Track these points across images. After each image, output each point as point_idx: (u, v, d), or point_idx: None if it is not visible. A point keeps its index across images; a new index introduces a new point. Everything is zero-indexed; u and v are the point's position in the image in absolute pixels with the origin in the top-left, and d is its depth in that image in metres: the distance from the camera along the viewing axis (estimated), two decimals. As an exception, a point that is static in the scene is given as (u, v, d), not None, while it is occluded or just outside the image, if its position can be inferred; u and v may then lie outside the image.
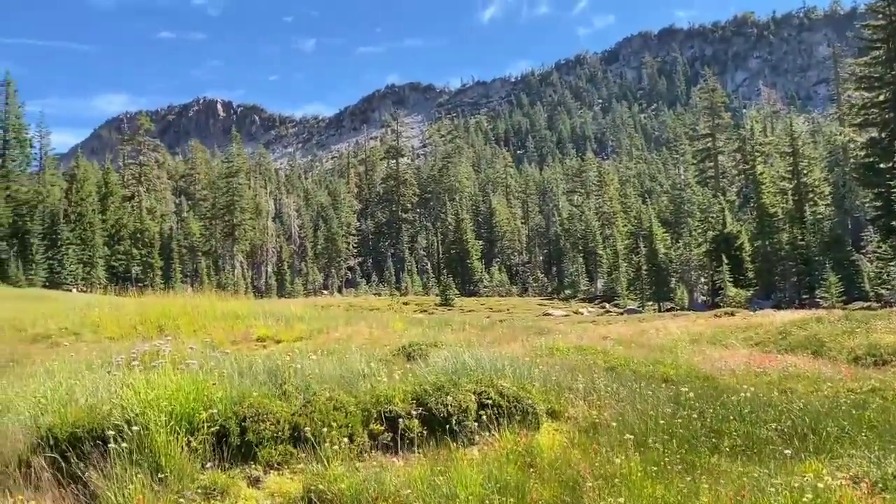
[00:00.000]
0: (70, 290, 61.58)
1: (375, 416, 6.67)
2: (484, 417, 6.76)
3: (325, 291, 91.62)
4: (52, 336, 17.66)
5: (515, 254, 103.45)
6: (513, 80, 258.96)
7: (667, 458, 6.02)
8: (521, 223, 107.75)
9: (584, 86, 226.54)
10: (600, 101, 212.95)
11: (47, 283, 66.16)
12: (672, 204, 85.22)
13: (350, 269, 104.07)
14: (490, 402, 7.21)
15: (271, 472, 5.75)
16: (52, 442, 5.98)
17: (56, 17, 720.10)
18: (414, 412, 6.67)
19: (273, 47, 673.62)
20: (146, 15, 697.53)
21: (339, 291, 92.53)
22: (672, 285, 65.06)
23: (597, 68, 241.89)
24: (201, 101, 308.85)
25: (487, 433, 6.70)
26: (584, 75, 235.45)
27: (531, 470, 5.90)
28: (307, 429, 5.90)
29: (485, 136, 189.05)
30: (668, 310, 54.32)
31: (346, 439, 5.96)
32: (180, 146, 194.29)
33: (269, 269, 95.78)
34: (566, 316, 50.08)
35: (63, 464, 5.63)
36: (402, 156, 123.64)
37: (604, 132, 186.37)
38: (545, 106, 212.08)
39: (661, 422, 7.19)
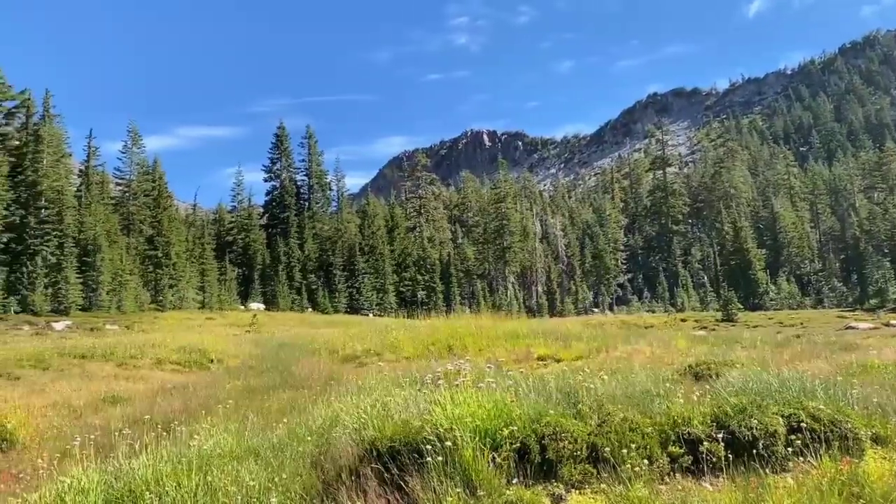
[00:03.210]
0: (367, 315, 68.46)
1: (673, 438, 6.46)
2: (797, 442, 6.22)
3: (596, 309, 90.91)
4: (359, 357, 19.72)
5: (805, 262, 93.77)
6: (788, 72, 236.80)
7: None
8: (811, 227, 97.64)
9: (877, 68, 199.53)
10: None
11: (348, 309, 74.24)
12: None
13: (620, 285, 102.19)
14: (801, 425, 6.62)
15: (572, 490, 5.84)
16: (374, 453, 6.66)
17: (342, 75, 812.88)
18: (714, 435, 6.35)
19: (531, 74, 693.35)
20: (416, 61, 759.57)
21: (610, 309, 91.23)
22: None
23: (892, 47, 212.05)
24: (469, 133, 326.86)
25: (801, 459, 6.15)
26: (875, 57, 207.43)
27: (859, 502, 5.30)
28: (607, 449, 5.91)
29: (760, 136, 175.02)
30: None
31: (644, 461, 5.85)
32: (452, 177, 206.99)
33: (539, 289, 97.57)
34: (874, 329, 44.01)
35: (386, 473, 6.23)
36: (669, 165, 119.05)
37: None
38: (830, 96, 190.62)
39: None
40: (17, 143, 56.77)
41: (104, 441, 9.60)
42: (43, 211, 51.47)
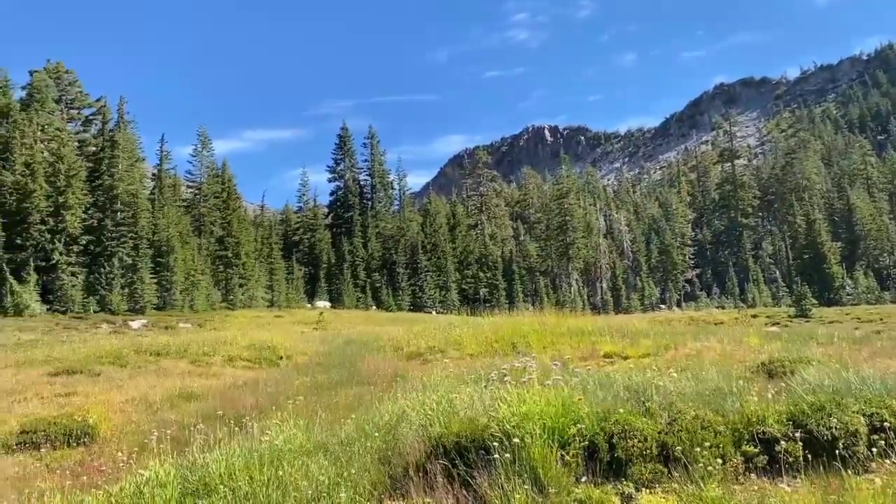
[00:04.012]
0: (430, 312, 68.85)
1: (747, 437, 6.27)
2: (881, 443, 5.94)
3: (663, 306, 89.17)
4: (423, 354, 19.83)
5: (884, 255, 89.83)
6: (864, 57, 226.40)
7: None
8: (889, 219, 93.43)
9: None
10: None
11: (411, 307, 74.84)
12: None
13: (688, 281, 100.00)
14: (883, 424, 6.32)
15: (643, 489, 5.73)
16: (440, 450, 6.67)
17: (403, 76, 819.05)
18: (791, 434, 6.13)
19: (593, 68, 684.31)
20: (475, 59, 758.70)
21: (678, 305, 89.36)
22: None
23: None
24: (530, 129, 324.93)
25: (887, 460, 5.87)
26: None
27: (951, 507, 5.02)
28: (678, 448, 5.78)
29: (834, 125, 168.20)
30: None
31: (718, 460, 5.70)
32: (514, 174, 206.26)
33: (604, 286, 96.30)
34: (961, 325, 41.83)
35: (452, 470, 6.23)
36: (738, 157, 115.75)
37: None
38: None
39: None
40: (94, 148, 59.27)
41: (179, 435, 9.92)
42: (119, 214, 53.56)
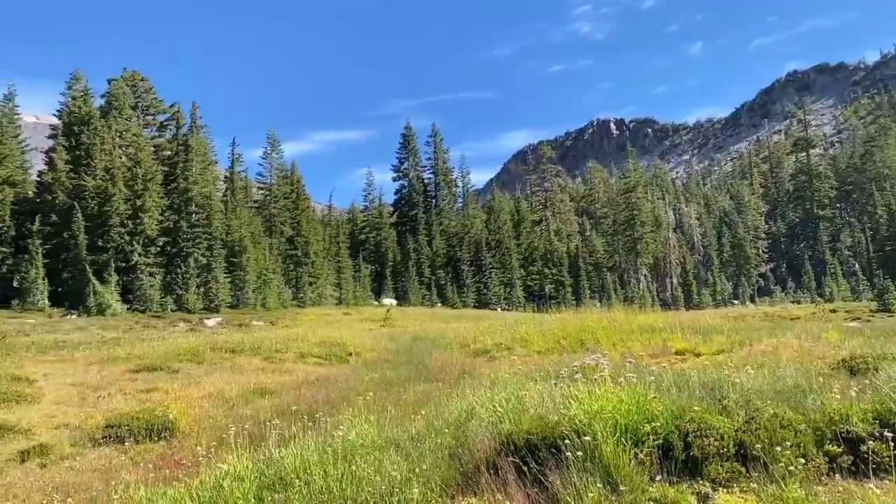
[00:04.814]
0: (495, 309, 68.76)
1: (829, 436, 6.04)
2: (979, 444, 5.64)
3: (736, 301, 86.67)
4: (490, 351, 19.82)
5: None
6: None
7: None
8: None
9: None
10: None
11: (476, 304, 74.90)
12: None
13: (761, 275, 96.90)
14: (981, 425, 6.00)
15: (720, 489, 5.59)
16: (510, 447, 6.67)
17: (466, 73, 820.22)
18: (878, 433, 5.88)
19: (659, 59, 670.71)
20: (539, 54, 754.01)
21: (751, 301, 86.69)
22: None
23: None
24: (595, 123, 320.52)
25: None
26: None
27: None
28: (758, 446, 5.62)
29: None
30: None
31: (800, 460, 5.51)
32: (579, 169, 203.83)
33: (674, 281, 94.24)
34: None
35: (523, 467, 6.22)
36: (813, 146, 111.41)
37: None
38: None
39: None
40: (169, 153, 61.44)
41: (255, 431, 10.20)
42: (193, 216, 55.37)
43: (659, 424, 6.00)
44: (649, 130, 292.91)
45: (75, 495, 8.98)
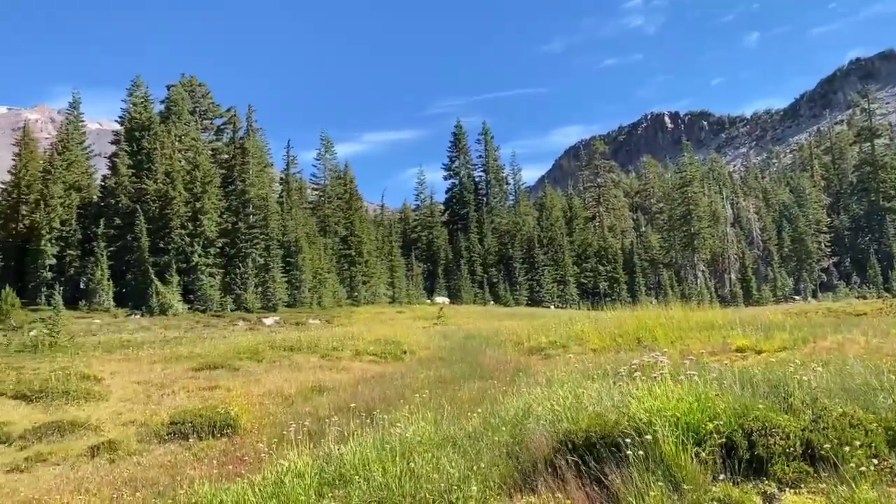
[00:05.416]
0: (549, 307, 68.32)
1: (904, 436, 5.83)
2: None
3: (797, 297, 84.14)
4: (544, 348, 19.71)
5: None
6: None
7: None
8: None
9: None
10: None
11: (529, 302, 74.52)
12: None
13: (824, 270, 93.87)
14: None
15: (786, 489, 5.44)
16: (568, 445, 6.62)
17: (517, 70, 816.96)
18: (955, 434, 5.64)
19: (714, 51, 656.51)
20: (590, 48, 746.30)
21: (813, 296, 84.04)
22: None
23: None
24: (648, 116, 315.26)
25: None
26: None
27: None
28: (826, 446, 5.45)
29: None
30: None
31: (872, 460, 5.33)
32: (632, 163, 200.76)
33: (733, 277, 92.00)
34: None
35: (582, 466, 6.17)
36: (878, 136, 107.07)
37: None
38: None
39: None
40: (226, 156, 62.87)
41: (314, 427, 10.37)
42: (251, 217, 56.55)
43: (721, 423, 5.87)
44: (705, 123, 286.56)
45: (143, 490, 9.29)
